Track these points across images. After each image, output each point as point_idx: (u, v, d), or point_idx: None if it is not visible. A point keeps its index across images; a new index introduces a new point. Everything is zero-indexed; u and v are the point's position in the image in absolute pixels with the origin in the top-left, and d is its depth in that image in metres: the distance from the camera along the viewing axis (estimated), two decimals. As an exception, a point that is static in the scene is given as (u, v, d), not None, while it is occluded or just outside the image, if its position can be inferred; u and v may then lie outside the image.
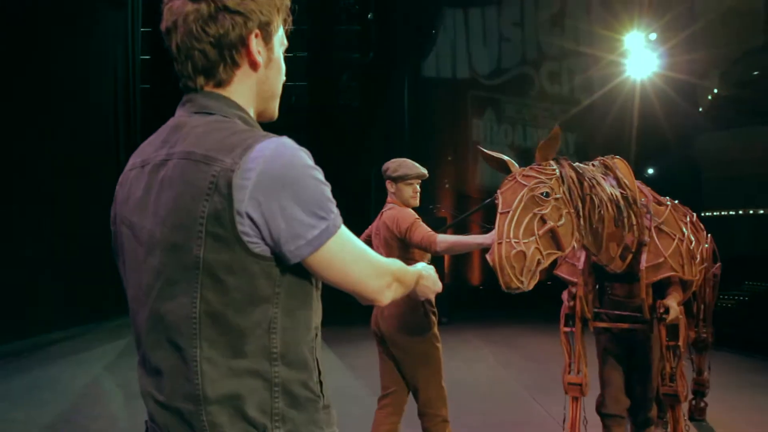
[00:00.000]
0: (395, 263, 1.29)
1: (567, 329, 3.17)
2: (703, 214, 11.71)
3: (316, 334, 1.20)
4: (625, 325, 3.09)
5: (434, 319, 3.27)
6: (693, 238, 3.17)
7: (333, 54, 10.83)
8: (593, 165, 2.82)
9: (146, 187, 1.14)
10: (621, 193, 2.76)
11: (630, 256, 2.90)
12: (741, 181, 11.69)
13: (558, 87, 12.62)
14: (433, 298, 1.57)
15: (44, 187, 8.26)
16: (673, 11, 11.00)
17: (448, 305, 9.88)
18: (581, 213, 2.51)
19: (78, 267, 8.48)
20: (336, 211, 1.13)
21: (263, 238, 1.07)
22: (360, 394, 5.27)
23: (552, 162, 2.51)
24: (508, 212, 2.26)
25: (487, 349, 7.48)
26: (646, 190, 3.20)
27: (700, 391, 4.48)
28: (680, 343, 2.98)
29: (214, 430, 1.07)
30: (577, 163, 2.64)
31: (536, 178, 2.38)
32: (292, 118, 12.09)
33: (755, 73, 13.36)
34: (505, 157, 2.57)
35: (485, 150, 2.63)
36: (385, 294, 1.23)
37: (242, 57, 1.18)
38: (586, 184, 2.57)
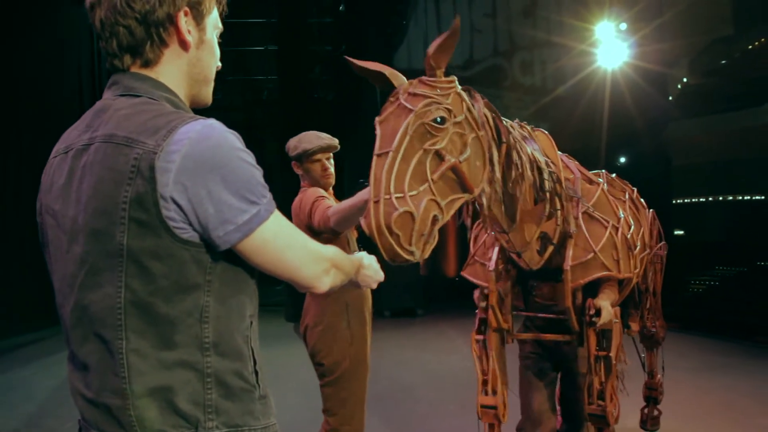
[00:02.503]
0: (332, 249, 1.25)
1: (480, 336, 2.58)
2: (673, 202, 11.95)
3: (252, 323, 1.16)
4: (550, 337, 2.62)
5: (362, 332, 2.77)
6: (632, 221, 2.66)
7: (304, 47, 10.71)
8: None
9: (69, 174, 1.09)
10: (546, 161, 2.26)
11: (551, 250, 2.33)
12: (710, 168, 11.90)
13: (530, 77, 12.67)
14: (375, 287, 1.46)
15: (9, 185, 8.08)
16: (643, 1, 11.11)
17: (424, 297, 9.92)
18: (495, 159, 1.91)
19: (47, 267, 8.27)
20: (269, 195, 1.09)
21: (191, 224, 1.03)
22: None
23: (452, 77, 1.83)
24: (388, 154, 1.59)
25: (462, 340, 7.51)
26: (573, 165, 2.62)
27: (652, 396, 3.79)
28: (612, 353, 2.44)
29: (143, 426, 1.04)
30: None
31: (427, 97, 1.69)
32: (264, 113, 11.97)
33: (723, 62, 13.59)
34: (386, 70, 1.85)
35: (355, 61, 1.87)
36: (323, 280, 1.18)
37: (171, 36, 1.14)
38: (503, 130, 1.99)
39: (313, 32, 11.11)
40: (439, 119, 1.67)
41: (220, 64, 1.27)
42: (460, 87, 1.80)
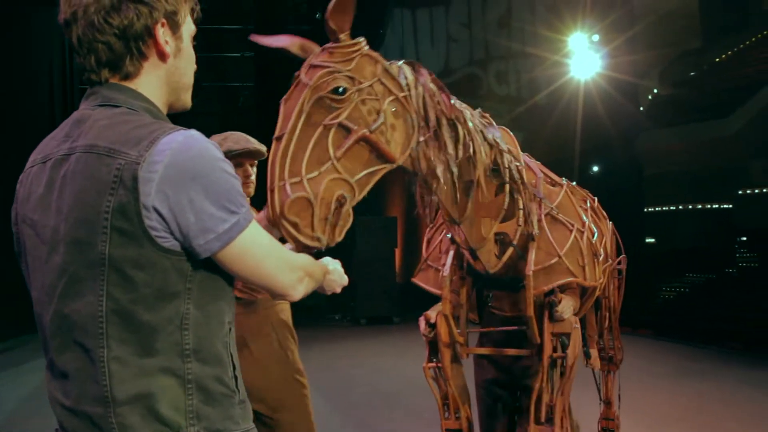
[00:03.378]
0: (304, 257, 1.27)
1: (432, 365, 2.35)
2: (645, 210, 12.17)
3: (230, 329, 1.18)
4: (510, 352, 2.32)
5: (293, 348, 2.50)
6: (595, 229, 2.43)
7: (281, 54, 10.68)
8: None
9: (48, 183, 1.09)
10: (509, 150, 2.07)
11: (510, 252, 2.11)
12: (680, 177, 12.16)
13: (506, 87, 12.84)
14: (339, 291, 1.49)
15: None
16: (614, 13, 11.35)
17: (400, 304, 9.93)
18: (441, 137, 1.75)
19: (16, 277, 8.08)
20: (247, 205, 1.11)
21: (172, 233, 1.04)
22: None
23: (358, 40, 1.60)
24: (282, 137, 1.45)
25: (440, 347, 7.53)
26: (535, 165, 2.42)
27: (609, 429, 3.27)
28: (569, 352, 2.14)
29: (126, 431, 1.04)
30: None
31: (323, 67, 1.51)
32: (240, 119, 11.91)
33: (692, 73, 13.94)
34: (293, 45, 1.65)
35: (261, 39, 1.70)
36: (297, 288, 1.21)
37: (150, 48, 1.14)
38: (448, 105, 1.79)
39: (289, 39, 11.10)
40: (339, 90, 1.49)
41: (195, 66, 1.28)
42: (367, 48, 1.60)
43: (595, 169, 11.81)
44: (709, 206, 12.14)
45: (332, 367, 6.54)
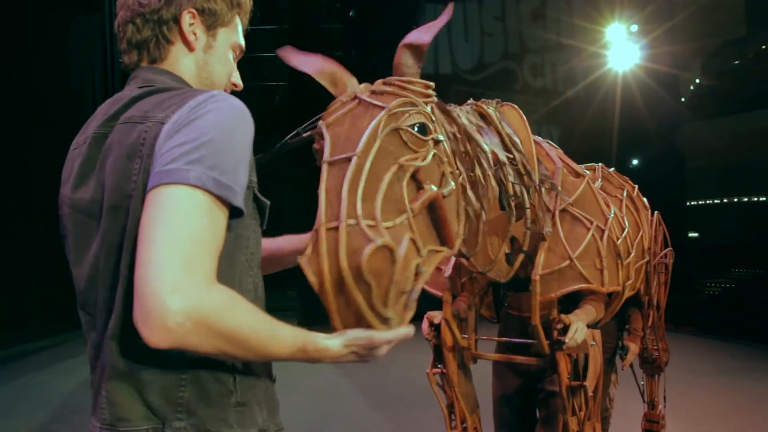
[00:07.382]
0: (225, 294, 0.91)
1: (437, 370, 2.19)
2: (688, 204, 11.85)
3: None
4: (519, 359, 2.13)
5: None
6: (626, 223, 2.21)
7: (314, 52, 10.77)
8: (460, 110, 1.73)
9: (87, 161, 1.07)
10: (508, 157, 1.74)
11: (521, 258, 1.88)
12: (724, 170, 11.81)
13: (541, 80, 12.66)
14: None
15: (29, 194, 8.18)
16: (653, 3, 11.07)
17: (437, 300, 9.90)
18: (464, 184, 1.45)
19: (66, 274, 8.34)
20: (224, 182, 0.92)
21: None
22: (346, 391, 5.26)
23: (430, 83, 1.28)
24: (350, 160, 1.07)
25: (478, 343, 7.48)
26: (555, 154, 2.15)
27: (652, 431, 3.15)
28: (588, 383, 1.93)
29: (112, 409, 0.99)
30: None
31: (399, 95, 1.20)
32: (276, 117, 12.06)
33: (735, 62, 13.51)
34: (336, 69, 1.31)
35: (291, 57, 1.39)
36: (171, 318, 0.85)
37: (174, 34, 1.15)
38: (469, 141, 1.52)
39: (323, 38, 11.17)
40: (419, 127, 1.16)
41: (240, 83, 1.27)
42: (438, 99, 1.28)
43: (635, 162, 11.55)
44: (755, 199, 11.75)
45: (368, 363, 6.56)
